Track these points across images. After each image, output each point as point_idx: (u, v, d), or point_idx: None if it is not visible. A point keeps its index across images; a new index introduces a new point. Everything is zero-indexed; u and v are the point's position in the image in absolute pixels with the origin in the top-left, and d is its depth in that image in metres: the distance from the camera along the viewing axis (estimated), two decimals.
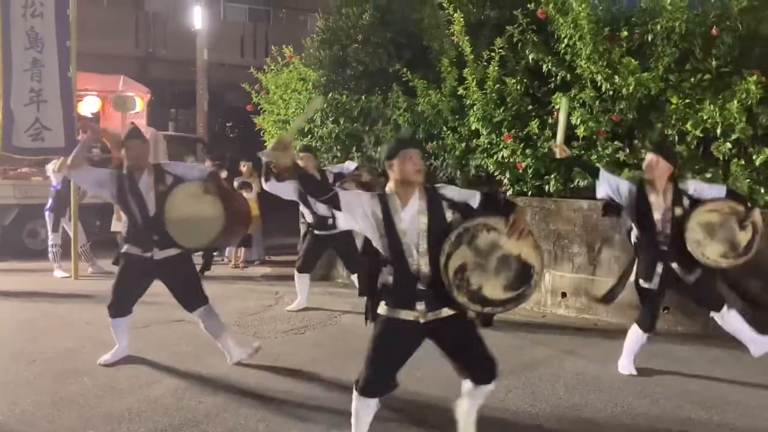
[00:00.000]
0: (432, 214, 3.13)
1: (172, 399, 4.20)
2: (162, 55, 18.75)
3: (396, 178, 3.16)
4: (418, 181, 3.14)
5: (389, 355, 3.25)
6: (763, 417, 4.01)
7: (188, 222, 4.52)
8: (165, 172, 4.62)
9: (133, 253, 4.68)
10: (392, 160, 3.15)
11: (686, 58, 5.94)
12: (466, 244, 3.07)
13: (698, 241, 4.35)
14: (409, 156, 3.12)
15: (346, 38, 8.21)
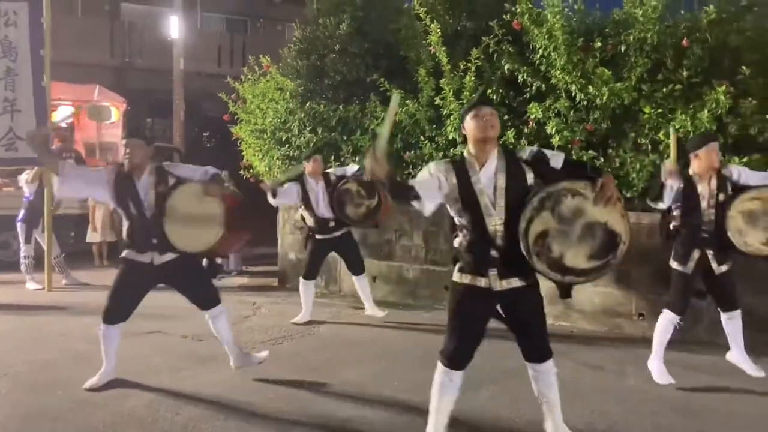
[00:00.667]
0: (510, 173, 3.09)
1: (147, 411, 4.14)
2: (138, 65, 18.62)
3: (471, 137, 3.15)
4: (491, 138, 3.11)
5: (465, 325, 3.24)
6: (740, 424, 4.07)
7: (186, 225, 4.36)
8: (167, 173, 4.45)
9: (132, 258, 4.51)
10: (464, 120, 3.17)
11: (658, 68, 6.05)
12: (549, 210, 2.96)
13: (740, 230, 4.37)
14: (482, 113, 3.11)
15: (324, 48, 8.22)
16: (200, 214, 4.36)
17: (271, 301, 7.58)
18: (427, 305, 7.35)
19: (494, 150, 3.14)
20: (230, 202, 4.54)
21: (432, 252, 7.46)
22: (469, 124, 3.15)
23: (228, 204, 4.47)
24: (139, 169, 4.43)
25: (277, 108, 8.28)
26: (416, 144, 7.39)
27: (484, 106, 3.15)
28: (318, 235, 6.49)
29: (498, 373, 4.83)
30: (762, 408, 4.34)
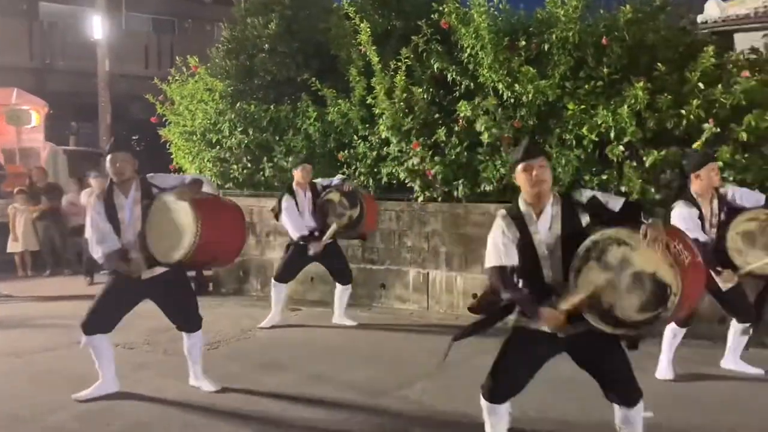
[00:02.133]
0: (566, 220, 3.00)
1: (77, 424, 4.01)
2: (60, 67, 17.93)
3: (524, 190, 3.07)
4: (545, 191, 3.01)
5: (516, 364, 3.15)
6: (666, 404, 4.25)
7: (163, 235, 4.18)
8: (150, 185, 4.30)
9: (121, 271, 4.32)
10: (515, 170, 3.09)
11: (580, 66, 6.26)
12: (595, 260, 2.90)
13: (739, 250, 4.45)
14: (531, 167, 3.01)
15: (253, 48, 8.14)
16: (175, 222, 4.14)
17: (205, 306, 7.38)
18: (365, 304, 7.38)
19: (549, 197, 3.05)
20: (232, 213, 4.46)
21: (368, 251, 7.50)
22: (520, 177, 3.05)
23: (215, 212, 4.29)
24: (129, 182, 4.29)
25: (206, 109, 8.15)
26: (350, 143, 7.40)
27: (532, 159, 3.03)
28: (302, 241, 6.32)
29: (430, 368, 4.89)
30: (670, 386, 4.57)
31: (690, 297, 2.84)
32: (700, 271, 2.96)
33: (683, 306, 2.82)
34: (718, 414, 4.07)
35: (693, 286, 2.85)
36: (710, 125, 5.58)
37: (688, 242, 2.96)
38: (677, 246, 2.82)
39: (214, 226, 4.15)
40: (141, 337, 6.01)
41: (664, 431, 3.81)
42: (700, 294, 3.10)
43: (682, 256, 2.80)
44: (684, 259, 2.80)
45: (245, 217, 4.53)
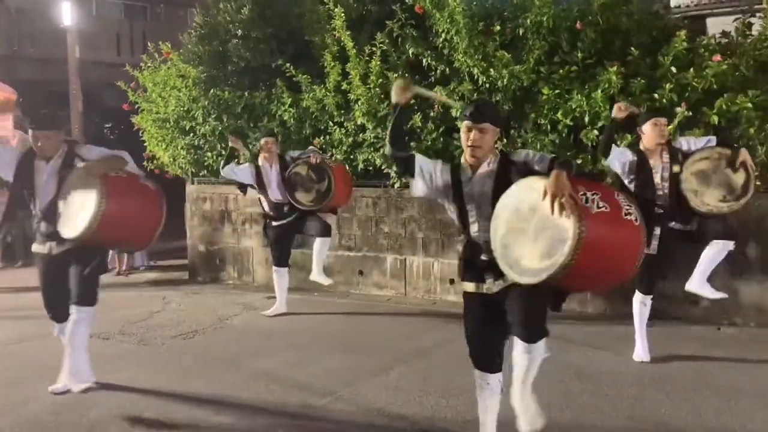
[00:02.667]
0: (500, 179, 3.00)
1: (51, 416, 3.96)
2: (29, 54, 17.51)
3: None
4: (476, 152, 3.02)
5: (476, 331, 3.19)
6: (631, 384, 4.32)
7: (68, 207, 3.99)
8: (75, 156, 4.11)
9: (36, 251, 4.21)
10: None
11: (555, 51, 6.26)
12: (512, 210, 2.87)
13: (695, 191, 4.45)
14: (468, 126, 3.03)
15: (226, 33, 8.02)
16: (81, 197, 3.93)
17: (182, 295, 7.39)
18: (343, 290, 7.38)
19: (489, 157, 3.06)
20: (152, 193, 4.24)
21: (345, 237, 7.48)
22: (462, 132, 3.08)
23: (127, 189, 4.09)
24: (50, 156, 4.10)
25: (179, 96, 8.03)
26: (325, 130, 7.35)
27: (475, 122, 3.02)
28: (274, 221, 6.28)
29: (407, 353, 4.91)
30: (643, 366, 4.64)
31: (602, 250, 2.69)
32: (618, 224, 2.77)
33: (593, 258, 2.64)
34: (686, 394, 4.15)
35: (606, 238, 2.71)
36: (682, 109, 5.63)
37: (614, 196, 2.85)
38: (592, 195, 2.72)
39: (122, 205, 3.95)
40: (116, 328, 5.96)
41: (637, 411, 3.87)
42: (619, 250, 2.82)
43: (593, 206, 2.70)
44: (592, 209, 2.69)
45: (161, 200, 4.23)
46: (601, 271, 2.82)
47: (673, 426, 3.68)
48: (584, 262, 2.63)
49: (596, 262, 2.71)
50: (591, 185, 2.84)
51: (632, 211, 2.81)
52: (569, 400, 4.04)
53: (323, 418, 3.90)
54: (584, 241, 2.60)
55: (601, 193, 2.77)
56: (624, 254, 2.84)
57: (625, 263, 2.86)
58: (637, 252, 2.84)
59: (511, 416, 3.22)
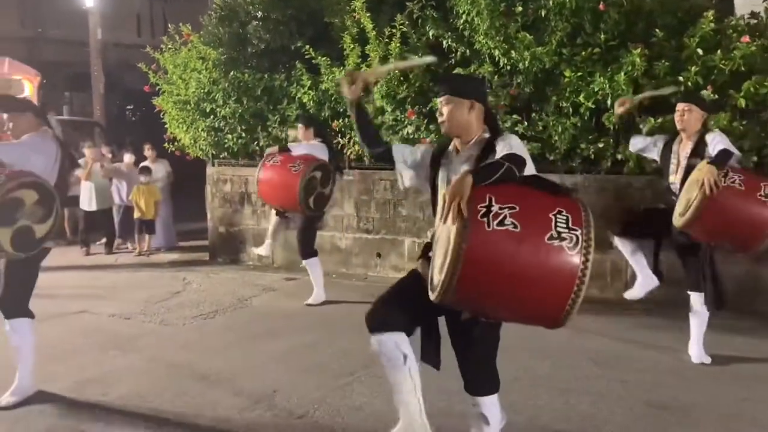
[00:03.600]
0: (479, 163, 2.68)
1: (74, 393, 4.04)
2: (53, 36, 17.69)
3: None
4: (445, 129, 2.80)
5: (399, 293, 2.85)
6: (648, 369, 4.30)
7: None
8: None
9: None
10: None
11: (577, 32, 6.16)
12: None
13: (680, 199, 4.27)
14: (439, 101, 2.84)
15: (246, 15, 8.00)
16: None
17: (202, 276, 7.47)
18: (360, 273, 7.40)
19: (474, 138, 2.79)
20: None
21: (363, 220, 7.49)
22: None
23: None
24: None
25: (199, 78, 8.04)
26: (344, 112, 7.33)
27: (438, 97, 2.86)
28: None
29: None
30: (661, 350, 4.61)
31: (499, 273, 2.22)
32: (530, 245, 2.21)
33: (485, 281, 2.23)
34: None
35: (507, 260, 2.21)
36: (708, 92, 5.52)
37: (543, 214, 2.26)
38: (502, 209, 2.23)
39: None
40: (137, 308, 6.04)
41: (655, 397, 3.85)
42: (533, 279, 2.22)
43: (492, 222, 2.21)
44: (490, 224, 2.21)
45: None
46: (507, 301, 2.29)
47: (693, 413, 3.66)
48: (472, 286, 2.22)
49: (495, 289, 2.25)
50: (517, 196, 2.29)
51: (569, 236, 2.21)
52: (587, 386, 4.03)
53: (341, 399, 3.93)
54: (465, 258, 2.17)
55: (521, 207, 2.24)
56: (540, 285, 2.22)
57: (546, 295, 2.23)
58: (566, 283, 2.19)
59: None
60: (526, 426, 3.53)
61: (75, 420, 3.66)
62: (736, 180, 3.94)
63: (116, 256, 8.89)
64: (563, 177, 6.31)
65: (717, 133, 4.40)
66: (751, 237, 3.97)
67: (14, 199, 3.60)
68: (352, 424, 3.57)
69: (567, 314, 2.23)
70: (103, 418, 3.68)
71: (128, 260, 8.61)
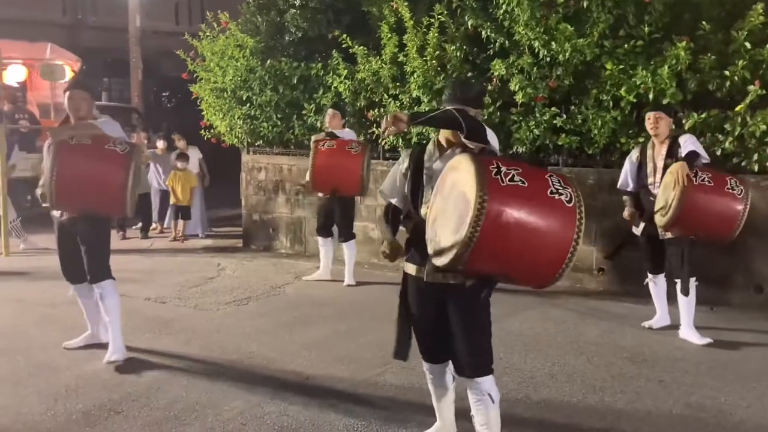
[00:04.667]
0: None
1: (111, 374, 4.11)
2: (92, 22, 18.00)
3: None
4: (444, 138, 2.90)
5: (410, 315, 3.01)
6: (687, 370, 4.21)
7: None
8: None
9: (55, 216, 4.36)
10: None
11: (620, 24, 6.04)
12: (439, 192, 2.68)
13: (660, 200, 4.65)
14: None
15: (284, 3, 8.01)
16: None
17: (236, 262, 7.54)
18: (392, 264, 7.36)
19: (459, 139, 2.83)
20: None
21: None
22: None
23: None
24: (83, 120, 4.21)
25: (237, 66, 8.08)
26: (380, 102, 7.31)
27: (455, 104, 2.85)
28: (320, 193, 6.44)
29: None
30: (700, 348, 4.55)
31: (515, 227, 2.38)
32: (539, 201, 2.42)
33: (502, 236, 2.36)
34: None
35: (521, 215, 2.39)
36: (756, 87, 5.37)
37: (541, 174, 2.53)
38: (508, 170, 2.43)
39: (73, 170, 3.96)
40: (173, 292, 6.12)
41: (695, 399, 3.77)
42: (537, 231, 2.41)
43: (504, 179, 2.41)
44: (503, 181, 2.40)
45: (126, 164, 4.02)
46: (518, 253, 2.43)
47: (735, 416, 3.57)
48: (491, 239, 2.35)
49: (509, 242, 2.39)
50: (514, 163, 2.54)
51: (564, 192, 2.44)
52: (623, 384, 3.97)
53: (373, 388, 3.93)
54: (487, 213, 2.32)
55: (522, 169, 2.47)
56: (548, 237, 2.41)
57: (553, 248, 2.42)
58: (567, 236, 2.40)
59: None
60: (560, 423, 3.49)
61: (111, 401, 3.72)
62: (705, 178, 4.45)
63: (151, 240, 9.02)
64: (601, 172, 6.21)
65: (688, 136, 4.86)
66: (725, 227, 4.47)
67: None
68: (383, 415, 3.57)
69: (566, 267, 2.43)
70: (139, 399, 3.73)
71: (163, 245, 8.73)
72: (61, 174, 3.93)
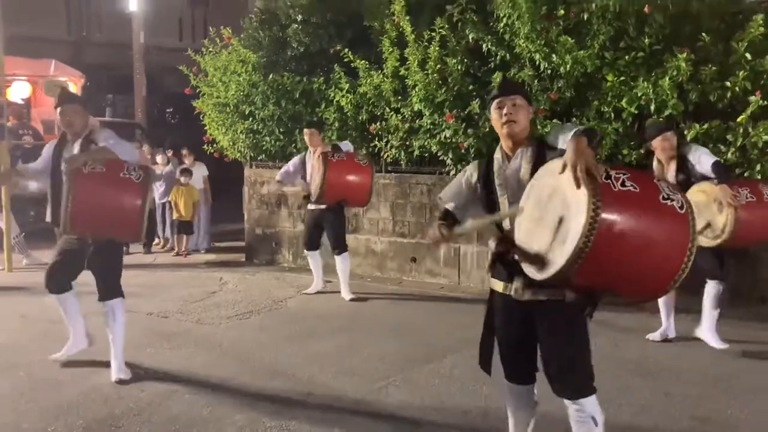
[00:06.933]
0: (535, 165, 2.65)
1: (112, 389, 4.10)
2: (97, 39, 18.10)
3: (496, 130, 2.83)
4: (515, 133, 2.73)
5: (502, 336, 2.87)
6: (693, 382, 4.17)
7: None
8: (91, 143, 4.14)
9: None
10: (489, 109, 2.86)
11: (620, 36, 6.04)
12: (533, 201, 2.52)
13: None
14: (502, 104, 2.76)
15: (286, 19, 8.06)
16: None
17: (238, 277, 7.53)
18: (395, 277, 7.38)
19: (523, 142, 2.76)
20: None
21: (399, 224, 7.46)
22: (493, 115, 2.80)
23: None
24: (76, 135, 4.18)
25: (239, 81, 8.12)
26: (382, 115, 7.33)
27: (505, 96, 2.76)
28: (310, 205, 6.43)
29: (458, 342, 4.86)
30: (706, 361, 4.50)
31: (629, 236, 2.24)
32: (652, 208, 2.29)
33: (615, 245, 2.21)
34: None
35: (635, 223, 2.26)
36: (757, 97, 5.37)
37: (648, 178, 2.44)
38: (617, 174, 2.29)
39: (91, 199, 3.94)
40: (175, 307, 6.11)
41: (701, 412, 3.73)
42: (655, 240, 2.27)
43: (616, 184, 2.25)
44: (615, 186, 2.25)
45: (143, 191, 4.04)
46: (631, 264, 2.28)
47: (741, 428, 3.54)
48: (604, 249, 2.19)
49: (622, 252, 2.25)
50: (619, 168, 2.42)
51: (675, 198, 2.31)
52: (629, 397, 3.93)
53: (376, 403, 3.90)
54: (601, 220, 2.16)
55: (630, 173, 2.32)
56: (663, 247, 2.27)
57: (667, 258, 2.28)
58: (683, 244, 2.26)
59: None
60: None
61: (112, 416, 3.70)
62: (745, 194, 4.54)
63: (154, 255, 9.02)
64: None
65: (695, 147, 4.83)
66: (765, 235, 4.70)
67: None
68: (386, 429, 3.54)
69: (679, 278, 2.29)
70: (140, 414, 3.71)
71: (166, 260, 8.73)
72: (76, 202, 3.89)
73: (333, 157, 6.03)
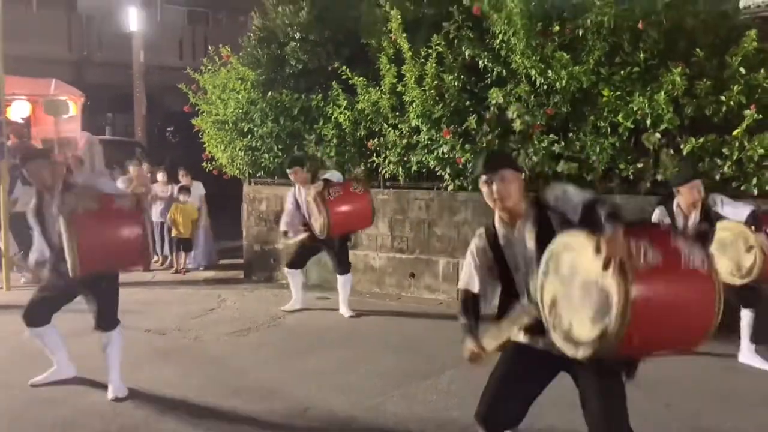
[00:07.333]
0: (540, 231, 2.62)
1: (108, 406, 4.08)
2: (97, 58, 18.24)
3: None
4: (508, 207, 2.69)
5: (509, 382, 2.82)
6: (694, 394, 4.15)
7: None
8: (71, 187, 4.14)
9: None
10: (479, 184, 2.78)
11: (616, 51, 6.10)
12: (554, 272, 2.50)
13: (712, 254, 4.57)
14: (489, 181, 2.68)
15: (284, 36, 8.12)
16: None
17: (237, 294, 7.51)
18: (394, 293, 7.37)
19: (523, 207, 2.70)
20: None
21: (398, 240, 7.46)
22: (482, 190, 2.73)
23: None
24: (50, 189, 4.16)
25: (238, 98, 8.17)
26: (380, 132, 7.36)
27: (491, 173, 2.68)
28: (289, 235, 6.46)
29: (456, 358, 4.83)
30: (707, 373, 4.50)
31: (660, 311, 2.29)
32: (678, 277, 2.35)
33: (649, 322, 2.26)
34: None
35: (663, 296, 2.31)
36: (752, 111, 5.41)
37: (668, 241, 2.42)
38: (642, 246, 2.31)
39: (94, 238, 3.97)
40: (173, 324, 6.09)
41: (700, 424, 3.71)
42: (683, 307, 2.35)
43: (643, 260, 2.29)
44: (640, 264, 2.27)
45: (140, 219, 4.18)
46: (666, 331, 2.37)
47: None
48: (640, 326, 2.24)
49: (660, 325, 2.31)
50: (639, 231, 2.41)
51: (695, 255, 2.36)
52: (629, 409, 3.88)
53: (374, 418, 3.88)
54: (633, 305, 2.20)
55: (651, 239, 2.35)
56: (695, 306, 2.36)
57: (699, 315, 2.37)
58: (710, 301, 2.34)
59: None
60: None
61: None
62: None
63: (153, 272, 9.00)
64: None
65: (721, 198, 4.79)
66: None
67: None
68: None
69: (715, 322, 2.37)
70: (138, 429, 3.70)
71: (165, 277, 8.72)
72: (83, 245, 3.91)
73: (330, 195, 5.92)
